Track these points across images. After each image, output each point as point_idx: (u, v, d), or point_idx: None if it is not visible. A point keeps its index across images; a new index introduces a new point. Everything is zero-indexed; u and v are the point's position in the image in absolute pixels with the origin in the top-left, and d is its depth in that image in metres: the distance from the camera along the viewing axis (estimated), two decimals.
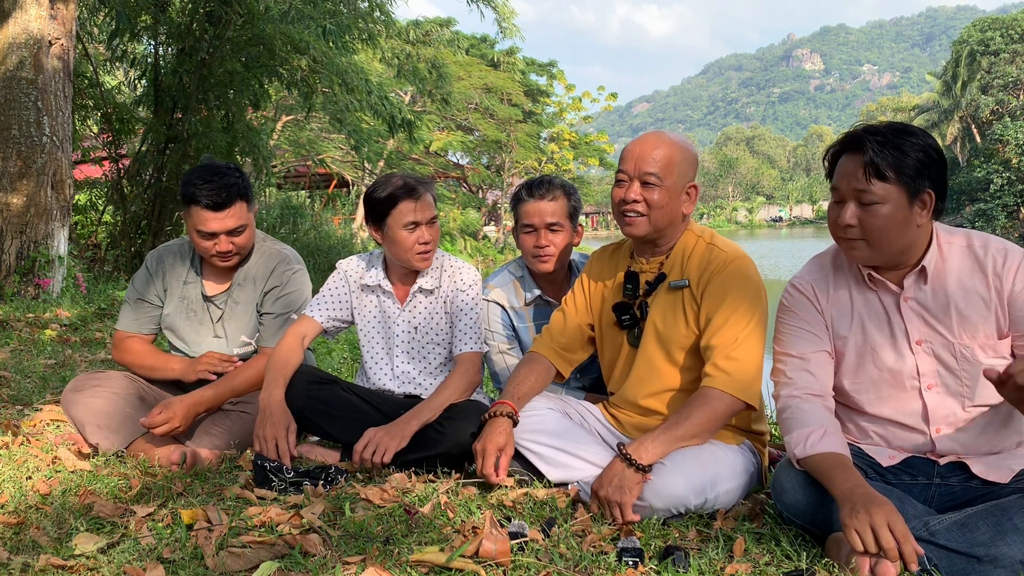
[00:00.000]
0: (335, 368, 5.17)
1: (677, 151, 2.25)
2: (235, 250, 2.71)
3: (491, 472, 2.19)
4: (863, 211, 1.86)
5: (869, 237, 1.88)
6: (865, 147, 1.84)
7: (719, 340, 2.15)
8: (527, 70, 35.24)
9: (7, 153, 6.29)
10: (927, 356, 1.94)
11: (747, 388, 2.12)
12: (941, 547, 1.68)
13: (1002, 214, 41.12)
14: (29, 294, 6.41)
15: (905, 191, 1.83)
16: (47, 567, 1.67)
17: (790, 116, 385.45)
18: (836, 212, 1.93)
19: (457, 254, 26.37)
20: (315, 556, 1.74)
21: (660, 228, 2.27)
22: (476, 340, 2.70)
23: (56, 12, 6.49)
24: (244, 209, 2.67)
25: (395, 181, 2.63)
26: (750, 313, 2.16)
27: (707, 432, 2.13)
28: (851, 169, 1.87)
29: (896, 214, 1.84)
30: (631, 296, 2.37)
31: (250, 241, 2.77)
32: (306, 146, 18.31)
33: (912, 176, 1.82)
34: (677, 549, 1.77)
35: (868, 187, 1.83)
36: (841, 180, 1.90)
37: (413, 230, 2.59)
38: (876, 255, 1.91)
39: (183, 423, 2.53)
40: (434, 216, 2.64)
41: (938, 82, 50.42)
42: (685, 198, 2.27)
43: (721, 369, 2.12)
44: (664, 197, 2.22)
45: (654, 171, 2.21)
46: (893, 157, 1.82)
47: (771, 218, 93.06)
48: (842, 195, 1.90)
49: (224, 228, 2.64)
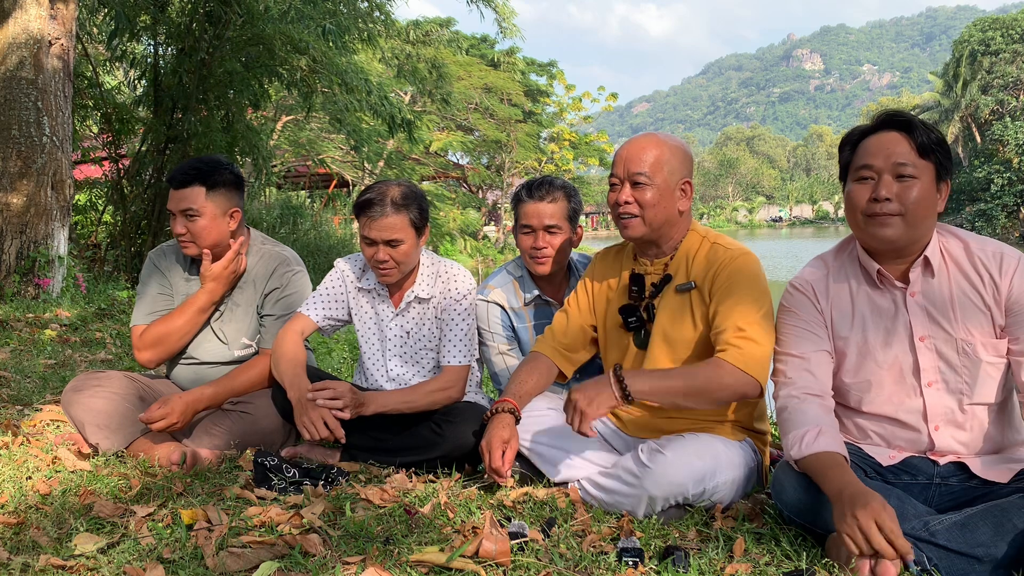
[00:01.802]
0: (335, 368, 5.17)
1: (665, 149, 2.25)
2: (188, 236, 2.69)
3: (499, 465, 2.17)
4: (901, 186, 1.89)
5: (907, 211, 1.89)
6: (913, 123, 1.90)
7: (731, 322, 2.11)
8: (527, 70, 35.25)
9: (7, 153, 6.29)
10: (929, 352, 1.94)
11: (757, 364, 2.07)
12: (941, 547, 1.68)
13: (1002, 214, 41.11)
14: (29, 294, 6.41)
15: (936, 173, 1.90)
16: (47, 567, 1.67)
17: (790, 116, 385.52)
18: (865, 190, 1.93)
19: (457, 254, 26.38)
20: (315, 556, 1.74)
21: (656, 227, 2.26)
22: (465, 353, 2.65)
23: (56, 12, 6.49)
24: (200, 195, 2.67)
25: (373, 190, 2.56)
26: (758, 304, 2.14)
27: (703, 395, 2.08)
28: (891, 145, 1.90)
29: (929, 193, 1.89)
30: (637, 298, 2.37)
31: (208, 234, 2.69)
32: (306, 146, 18.30)
33: (945, 159, 1.91)
34: (677, 549, 1.77)
35: (913, 160, 1.88)
36: (876, 156, 1.91)
37: (370, 245, 2.55)
38: (907, 233, 1.91)
39: (181, 418, 2.52)
40: (395, 239, 2.50)
41: (938, 82, 50.44)
42: (680, 195, 2.27)
43: (734, 345, 2.08)
44: (655, 195, 2.22)
45: (643, 171, 2.22)
46: (935, 139, 1.90)
47: (771, 218, 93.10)
48: (876, 171, 1.91)
49: (177, 207, 2.68)
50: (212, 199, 2.69)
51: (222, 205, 2.72)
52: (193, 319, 2.75)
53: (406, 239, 2.53)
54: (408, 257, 2.57)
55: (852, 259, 2.07)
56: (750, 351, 2.07)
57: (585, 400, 2.03)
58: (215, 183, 2.69)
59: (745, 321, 2.11)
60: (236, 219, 2.77)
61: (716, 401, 2.13)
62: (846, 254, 2.10)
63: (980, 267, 1.91)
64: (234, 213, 2.76)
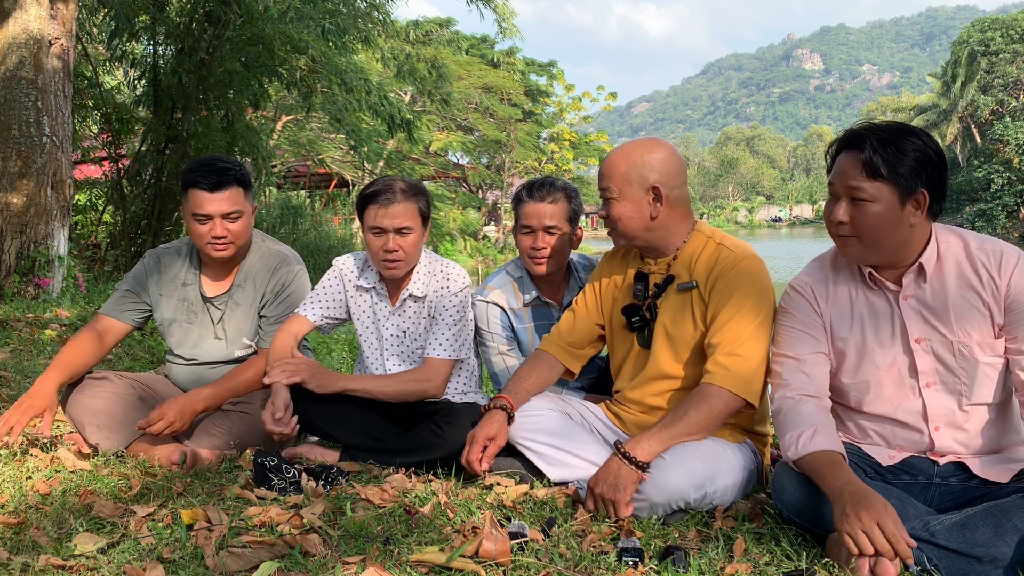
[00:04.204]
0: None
1: (623, 159, 2.26)
2: (230, 237, 2.66)
3: (475, 460, 2.22)
4: (855, 208, 1.88)
5: (860, 235, 1.89)
6: (864, 145, 1.85)
7: (722, 337, 2.15)
8: (527, 70, 35.26)
9: (7, 153, 6.29)
10: (926, 354, 1.94)
11: (747, 384, 2.11)
12: (941, 547, 1.68)
13: (1002, 214, 41.13)
14: (29, 294, 6.41)
15: (897, 191, 1.84)
16: (47, 567, 1.67)
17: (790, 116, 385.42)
18: (831, 209, 1.95)
19: (457, 254, 26.38)
20: (315, 556, 1.74)
21: (635, 235, 2.29)
22: (448, 347, 2.63)
23: (56, 12, 6.49)
24: (240, 195, 2.66)
25: (379, 182, 2.60)
26: (755, 311, 2.15)
27: (705, 429, 2.12)
28: (846, 166, 1.89)
29: (887, 213, 1.85)
30: (640, 297, 2.37)
31: (246, 233, 2.73)
32: (306, 146, 18.30)
33: (906, 176, 1.83)
34: (677, 549, 1.77)
35: (861, 184, 1.85)
36: (836, 177, 1.92)
37: (378, 235, 2.55)
38: (868, 253, 1.93)
39: (178, 418, 2.51)
40: (406, 227, 2.53)
41: (938, 82, 50.43)
42: (651, 198, 2.25)
43: (721, 365, 2.12)
44: (620, 208, 2.25)
45: (607, 186, 2.27)
46: (890, 156, 1.83)
47: (771, 218, 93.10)
48: (836, 192, 1.92)
49: (219, 211, 2.61)
50: (248, 198, 2.71)
51: (252, 202, 2.75)
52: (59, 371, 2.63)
53: (415, 228, 2.57)
54: (416, 248, 2.59)
55: (851, 261, 2.07)
56: (738, 370, 2.10)
57: (609, 488, 2.04)
58: (246, 181, 2.70)
59: (737, 336, 2.13)
60: (254, 216, 2.80)
61: (717, 426, 2.16)
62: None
63: (979, 267, 1.91)
64: (254, 210, 2.79)
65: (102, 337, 2.76)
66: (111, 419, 2.56)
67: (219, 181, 2.60)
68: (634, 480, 2.03)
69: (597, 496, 2.06)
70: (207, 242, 2.65)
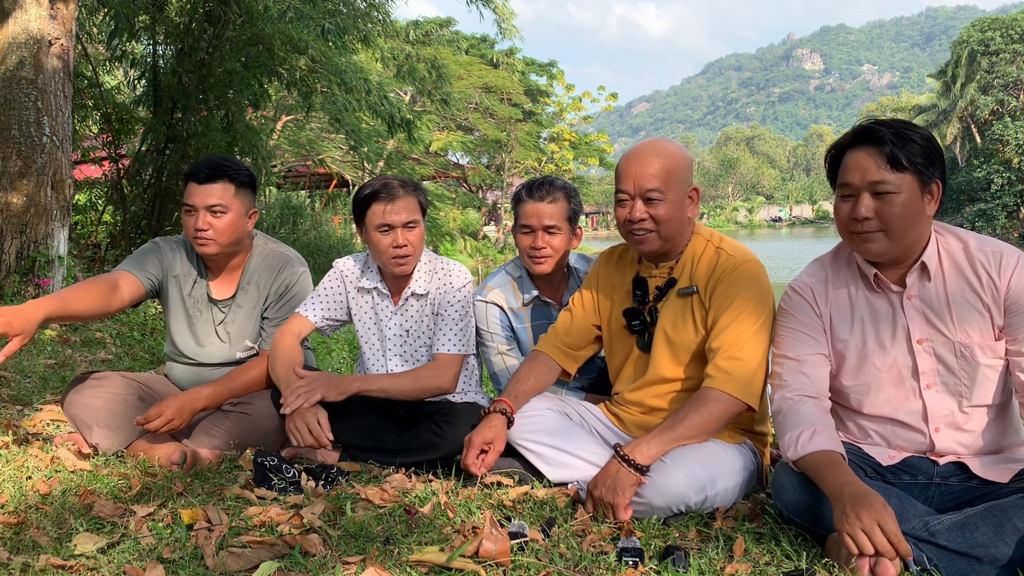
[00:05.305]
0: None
1: (672, 160, 2.23)
2: (211, 233, 2.63)
3: (472, 463, 2.23)
4: (880, 202, 1.87)
5: (888, 228, 1.88)
6: (882, 138, 1.87)
7: (722, 341, 2.15)
8: (527, 70, 35.24)
9: (7, 153, 6.29)
10: (927, 355, 1.94)
11: (746, 387, 2.12)
12: (941, 547, 1.68)
13: (1002, 214, 41.12)
14: (29, 294, 6.40)
15: (918, 181, 1.86)
16: (47, 567, 1.67)
17: (790, 116, 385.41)
18: (848, 207, 1.93)
19: (457, 254, 26.38)
20: (315, 556, 1.74)
21: (671, 238, 2.27)
22: (457, 343, 2.65)
23: (56, 12, 6.49)
24: (230, 191, 2.65)
25: (376, 182, 2.61)
26: (755, 315, 2.16)
27: (705, 433, 2.13)
28: (865, 162, 1.88)
29: (913, 203, 1.87)
30: (640, 302, 2.37)
31: (230, 232, 2.67)
32: (306, 146, 18.29)
33: (924, 166, 1.86)
34: (677, 549, 1.78)
35: (885, 177, 1.85)
36: (853, 174, 1.90)
37: (386, 233, 2.56)
38: (893, 247, 1.91)
39: (177, 416, 2.51)
40: (412, 220, 2.57)
41: (938, 83, 50.42)
42: (688, 203, 2.27)
43: (721, 369, 2.12)
44: (670, 210, 2.22)
45: (655, 187, 2.20)
46: (908, 147, 1.85)
47: (771, 218, 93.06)
48: (854, 189, 1.91)
49: (203, 203, 2.62)
50: (239, 196, 2.70)
51: (245, 204, 2.73)
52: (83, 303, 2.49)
53: (419, 221, 2.61)
54: (421, 242, 2.63)
55: (850, 262, 2.07)
56: (739, 375, 2.11)
57: (608, 491, 2.04)
58: (241, 181, 2.70)
59: (737, 340, 2.13)
60: (253, 220, 2.79)
61: (717, 430, 2.16)
62: (844, 257, 2.10)
63: (979, 267, 1.91)
64: (252, 214, 2.77)
65: (113, 289, 2.63)
66: (111, 418, 2.56)
67: (211, 174, 2.64)
68: (633, 483, 2.03)
69: (596, 499, 2.06)
70: (192, 236, 2.67)
